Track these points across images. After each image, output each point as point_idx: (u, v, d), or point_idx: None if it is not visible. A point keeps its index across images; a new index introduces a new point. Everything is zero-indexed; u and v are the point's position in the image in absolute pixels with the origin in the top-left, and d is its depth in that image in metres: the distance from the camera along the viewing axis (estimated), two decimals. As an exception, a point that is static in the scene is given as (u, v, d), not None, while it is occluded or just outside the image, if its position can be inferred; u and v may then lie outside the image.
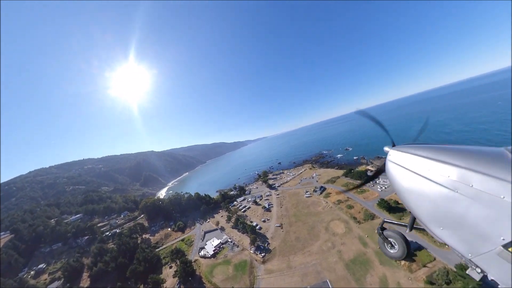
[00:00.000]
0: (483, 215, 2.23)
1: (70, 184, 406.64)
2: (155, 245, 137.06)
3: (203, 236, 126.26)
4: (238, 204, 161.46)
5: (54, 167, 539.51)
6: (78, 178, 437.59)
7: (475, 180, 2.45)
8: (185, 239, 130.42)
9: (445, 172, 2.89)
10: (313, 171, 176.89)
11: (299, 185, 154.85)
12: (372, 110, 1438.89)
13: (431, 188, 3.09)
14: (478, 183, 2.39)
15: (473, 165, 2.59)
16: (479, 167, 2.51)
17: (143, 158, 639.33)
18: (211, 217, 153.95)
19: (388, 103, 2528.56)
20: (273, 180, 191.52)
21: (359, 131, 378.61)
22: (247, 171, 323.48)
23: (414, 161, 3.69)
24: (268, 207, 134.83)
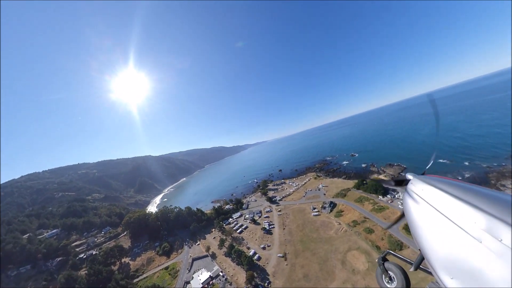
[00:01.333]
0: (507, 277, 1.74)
1: (60, 191, 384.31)
2: (134, 274, 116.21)
3: (191, 264, 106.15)
4: (234, 221, 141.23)
5: (48, 171, 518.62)
6: (69, 184, 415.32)
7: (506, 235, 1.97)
8: (170, 268, 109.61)
9: (472, 217, 2.47)
10: (318, 182, 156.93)
11: (303, 199, 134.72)
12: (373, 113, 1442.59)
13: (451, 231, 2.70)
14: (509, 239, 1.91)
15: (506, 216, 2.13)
16: None
17: (139, 163, 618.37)
18: (202, 237, 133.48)
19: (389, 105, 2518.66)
20: (273, 191, 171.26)
21: (361, 136, 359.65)
22: (245, 178, 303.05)
23: (439, 197, 3.27)
24: (268, 228, 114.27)
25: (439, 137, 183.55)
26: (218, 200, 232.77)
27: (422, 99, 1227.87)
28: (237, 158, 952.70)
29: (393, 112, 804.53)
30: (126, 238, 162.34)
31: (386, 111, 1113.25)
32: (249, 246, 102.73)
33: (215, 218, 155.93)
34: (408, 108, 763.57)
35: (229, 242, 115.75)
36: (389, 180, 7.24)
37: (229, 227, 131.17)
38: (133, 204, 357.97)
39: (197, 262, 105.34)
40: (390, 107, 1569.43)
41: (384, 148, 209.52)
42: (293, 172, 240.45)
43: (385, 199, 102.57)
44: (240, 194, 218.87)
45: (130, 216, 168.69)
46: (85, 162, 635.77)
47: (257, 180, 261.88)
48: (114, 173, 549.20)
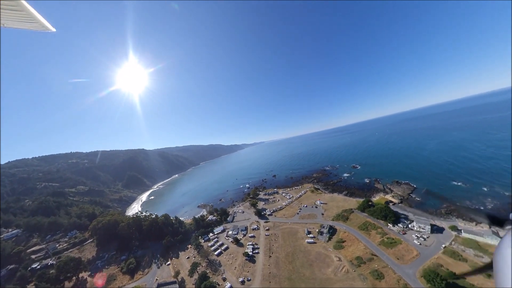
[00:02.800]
0: None
1: (44, 180, 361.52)
2: None
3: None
4: (214, 238, 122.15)
5: (38, 158, 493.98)
6: (55, 174, 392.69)
7: None
8: None
9: None
10: (316, 196, 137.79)
11: (297, 217, 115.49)
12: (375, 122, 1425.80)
13: None
14: None
15: None
16: None
17: (131, 156, 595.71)
18: (175, 255, 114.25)
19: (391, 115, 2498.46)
20: (264, 202, 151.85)
21: (363, 146, 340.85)
22: (237, 182, 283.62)
23: None
24: (252, 254, 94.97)
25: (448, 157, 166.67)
26: (204, 205, 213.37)
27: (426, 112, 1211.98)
28: (233, 158, 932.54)
29: (396, 123, 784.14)
30: (92, 246, 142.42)
31: (388, 121, 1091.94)
32: (226, 277, 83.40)
33: (195, 230, 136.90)
34: (412, 120, 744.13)
35: (203, 267, 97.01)
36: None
37: (207, 246, 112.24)
38: (117, 201, 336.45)
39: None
40: (393, 118, 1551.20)
41: (388, 163, 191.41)
42: (288, 180, 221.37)
43: (396, 228, 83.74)
44: (229, 201, 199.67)
45: (99, 221, 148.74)
46: (78, 151, 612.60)
47: (249, 185, 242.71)
48: (104, 164, 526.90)
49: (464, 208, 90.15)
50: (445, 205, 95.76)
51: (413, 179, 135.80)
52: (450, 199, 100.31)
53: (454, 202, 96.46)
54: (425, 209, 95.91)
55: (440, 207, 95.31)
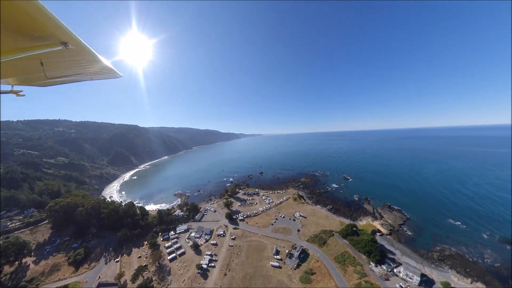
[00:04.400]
0: None
1: (23, 147, 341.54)
2: (26, 284, 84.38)
3: None
4: (175, 237, 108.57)
5: (22, 122, 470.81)
6: (37, 141, 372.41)
7: None
8: (70, 286, 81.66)
9: None
10: (297, 206, 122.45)
11: (270, 229, 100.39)
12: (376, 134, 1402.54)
13: None
14: None
15: None
16: None
17: (122, 132, 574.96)
18: (128, 251, 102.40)
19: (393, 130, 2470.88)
20: (240, 204, 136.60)
21: (359, 157, 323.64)
22: (223, 173, 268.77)
23: None
24: (206, 267, 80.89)
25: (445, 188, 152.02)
26: (181, 194, 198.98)
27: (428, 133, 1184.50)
28: (227, 146, 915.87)
29: (396, 138, 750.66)
30: (47, 228, 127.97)
31: (389, 135, 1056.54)
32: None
33: (157, 225, 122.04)
34: (412, 139, 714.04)
35: (151, 273, 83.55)
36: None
37: (164, 247, 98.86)
38: (97, 177, 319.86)
39: None
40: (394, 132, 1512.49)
41: (382, 182, 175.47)
42: (274, 180, 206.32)
43: (379, 270, 68.60)
44: (207, 194, 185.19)
45: (57, 202, 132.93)
46: (67, 120, 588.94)
47: (233, 179, 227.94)
48: (92, 137, 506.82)
49: (460, 257, 75.46)
50: (438, 248, 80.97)
51: (406, 207, 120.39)
52: (445, 241, 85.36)
53: (449, 246, 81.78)
54: (416, 248, 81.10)
55: (433, 249, 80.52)
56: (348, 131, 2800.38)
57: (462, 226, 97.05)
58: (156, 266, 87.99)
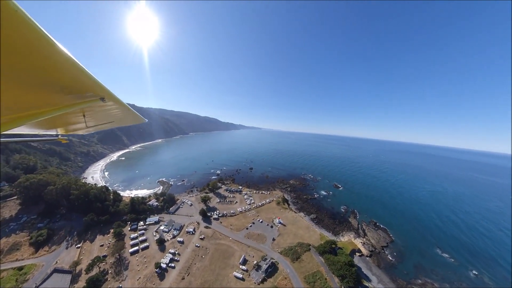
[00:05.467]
0: None
1: None
2: None
3: (47, 276, 71.48)
4: (143, 229, 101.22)
5: None
6: None
7: None
8: (26, 268, 74.59)
9: None
10: (279, 212, 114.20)
11: (243, 234, 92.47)
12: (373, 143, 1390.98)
13: None
14: None
15: None
16: None
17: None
18: (91, 237, 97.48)
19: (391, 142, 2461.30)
20: (219, 200, 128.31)
21: (352, 165, 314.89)
22: (212, 164, 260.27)
23: None
24: (165, 267, 74.04)
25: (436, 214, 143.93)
26: (164, 182, 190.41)
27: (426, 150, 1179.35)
28: (223, 136, 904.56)
29: (393, 151, 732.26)
30: (16, 204, 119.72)
31: (387, 147, 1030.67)
32: None
33: (128, 213, 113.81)
34: (410, 154, 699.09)
35: (108, 265, 77.34)
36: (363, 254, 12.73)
37: (129, 238, 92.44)
38: (83, 154, 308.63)
39: (55, 277, 70.68)
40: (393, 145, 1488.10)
41: (372, 195, 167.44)
42: (263, 178, 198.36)
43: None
44: (190, 185, 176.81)
45: (28, 178, 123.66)
46: None
47: (220, 172, 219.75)
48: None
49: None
50: (420, 281, 73.25)
51: (393, 227, 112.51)
52: (429, 274, 77.49)
53: (432, 281, 74.06)
54: (395, 277, 73.46)
55: (413, 281, 72.80)
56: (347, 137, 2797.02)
57: (450, 260, 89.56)
58: (115, 258, 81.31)
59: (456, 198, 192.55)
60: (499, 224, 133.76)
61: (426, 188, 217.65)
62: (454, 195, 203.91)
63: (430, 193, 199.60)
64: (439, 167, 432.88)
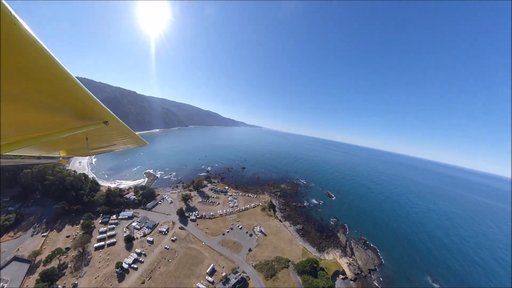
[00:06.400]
0: None
1: None
2: None
3: (7, 263, 67.84)
4: (114, 223, 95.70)
5: None
6: None
7: None
8: None
9: None
10: (262, 219, 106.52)
11: (217, 240, 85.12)
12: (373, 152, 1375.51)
13: None
14: None
15: None
16: None
17: (116, 95, 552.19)
18: (60, 226, 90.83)
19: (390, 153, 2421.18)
20: (202, 200, 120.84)
21: (348, 173, 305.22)
22: (204, 160, 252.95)
23: None
24: (127, 268, 68.42)
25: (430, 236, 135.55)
26: (150, 174, 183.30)
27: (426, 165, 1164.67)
28: (222, 132, 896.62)
29: (391, 163, 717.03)
30: None
31: (385, 157, 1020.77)
32: (78, 285, 58.54)
33: (102, 204, 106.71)
34: (408, 167, 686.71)
35: (68, 258, 73.21)
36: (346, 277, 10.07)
37: (98, 231, 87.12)
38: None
39: (14, 265, 66.60)
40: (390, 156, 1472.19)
41: (365, 209, 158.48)
42: (254, 179, 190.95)
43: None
44: (176, 180, 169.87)
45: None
46: None
47: (211, 169, 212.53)
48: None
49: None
50: None
51: (383, 247, 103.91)
52: None
53: None
54: None
55: None
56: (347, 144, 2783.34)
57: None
58: (78, 252, 75.89)
59: (451, 219, 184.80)
60: (495, 252, 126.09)
61: (420, 205, 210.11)
62: (448, 215, 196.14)
63: (423, 211, 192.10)
64: (436, 183, 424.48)
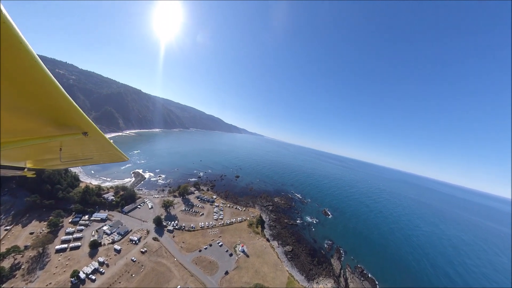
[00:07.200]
0: None
1: None
2: None
3: None
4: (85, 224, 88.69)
5: None
6: None
7: None
8: None
9: None
10: (247, 236, 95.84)
11: (193, 256, 75.01)
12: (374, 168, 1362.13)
13: None
14: None
15: None
16: None
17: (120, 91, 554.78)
18: (26, 221, 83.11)
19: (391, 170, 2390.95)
20: (185, 208, 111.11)
21: (347, 191, 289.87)
22: (198, 164, 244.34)
23: None
24: (84, 278, 61.00)
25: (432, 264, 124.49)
26: (138, 175, 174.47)
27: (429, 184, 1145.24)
28: (223, 138, 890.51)
29: (394, 180, 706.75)
30: None
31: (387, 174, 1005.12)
32: None
33: (77, 202, 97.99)
34: (411, 186, 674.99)
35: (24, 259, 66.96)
36: None
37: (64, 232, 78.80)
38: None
39: None
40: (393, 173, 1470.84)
41: (364, 231, 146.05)
42: (246, 189, 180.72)
43: None
44: (165, 183, 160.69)
45: None
46: (73, 64, 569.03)
47: (203, 174, 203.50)
48: (89, 88, 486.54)
49: None
50: None
51: (381, 278, 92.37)
52: None
53: None
54: None
55: None
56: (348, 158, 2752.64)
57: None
58: (37, 252, 67.17)
59: (455, 245, 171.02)
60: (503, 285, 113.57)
61: (422, 228, 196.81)
62: (452, 240, 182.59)
63: (425, 235, 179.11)
64: (438, 203, 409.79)
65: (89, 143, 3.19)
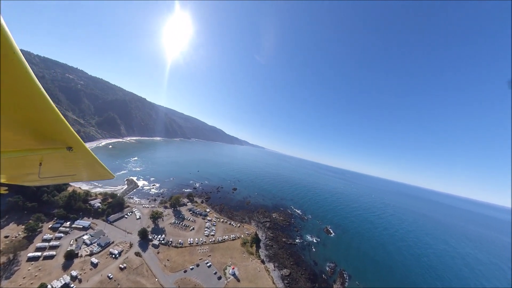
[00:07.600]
0: None
1: None
2: None
3: None
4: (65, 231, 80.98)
5: (40, 58, 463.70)
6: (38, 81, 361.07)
7: None
8: None
9: None
10: (239, 257, 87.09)
11: (176, 277, 66.74)
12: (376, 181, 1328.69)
13: None
14: None
15: None
16: None
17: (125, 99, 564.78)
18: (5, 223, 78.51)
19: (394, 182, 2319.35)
20: (174, 221, 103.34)
21: (350, 206, 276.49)
22: (197, 174, 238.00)
23: None
24: None
25: None
26: (131, 182, 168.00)
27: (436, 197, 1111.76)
28: (224, 149, 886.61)
29: (399, 194, 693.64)
30: None
31: (391, 187, 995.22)
32: None
33: (61, 207, 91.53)
34: (417, 199, 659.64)
35: None
36: None
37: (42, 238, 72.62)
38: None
39: None
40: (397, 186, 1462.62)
41: (370, 251, 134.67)
42: (243, 203, 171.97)
43: None
44: (157, 192, 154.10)
45: None
46: (83, 70, 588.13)
47: (199, 185, 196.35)
48: (95, 94, 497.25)
49: None
50: None
51: None
52: None
53: None
54: None
55: None
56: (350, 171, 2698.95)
57: None
58: (7, 259, 60.79)
59: (469, 265, 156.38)
60: None
61: (432, 246, 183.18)
62: (465, 259, 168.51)
63: (436, 254, 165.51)
64: (446, 217, 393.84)
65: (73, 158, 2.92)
